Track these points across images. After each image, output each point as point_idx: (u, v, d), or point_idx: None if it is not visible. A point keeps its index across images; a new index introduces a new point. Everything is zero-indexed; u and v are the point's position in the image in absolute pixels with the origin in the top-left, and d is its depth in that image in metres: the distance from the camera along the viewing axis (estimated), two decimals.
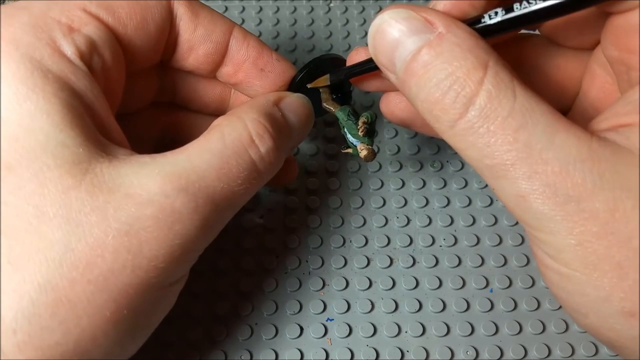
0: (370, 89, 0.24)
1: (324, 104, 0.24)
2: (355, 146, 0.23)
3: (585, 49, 0.23)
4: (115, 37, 0.20)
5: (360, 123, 0.23)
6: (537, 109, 0.17)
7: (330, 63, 0.25)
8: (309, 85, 0.24)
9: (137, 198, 0.17)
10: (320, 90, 0.24)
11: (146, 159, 0.19)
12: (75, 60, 0.19)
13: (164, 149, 0.26)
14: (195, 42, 0.22)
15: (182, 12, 0.22)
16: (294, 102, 0.23)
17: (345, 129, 0.23)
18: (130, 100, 0.23)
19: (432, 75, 0.18)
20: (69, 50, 0.19)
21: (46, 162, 0.17)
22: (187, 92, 0.25)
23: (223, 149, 0.19)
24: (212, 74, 0.24)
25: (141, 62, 0.22)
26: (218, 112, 0.25)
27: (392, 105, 0.24)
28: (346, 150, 0.24)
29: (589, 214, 0.16)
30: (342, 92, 0.25)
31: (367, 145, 0.23)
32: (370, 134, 0.23)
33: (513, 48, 0.24)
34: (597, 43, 0.22)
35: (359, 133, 0.23)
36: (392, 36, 0.19)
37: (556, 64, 0.23)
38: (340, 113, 0.24)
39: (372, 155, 0.23)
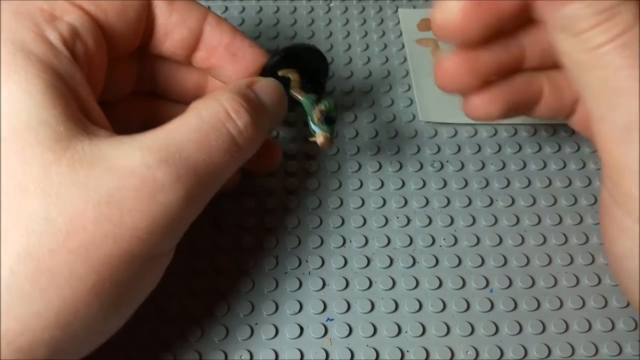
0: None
1: (291, 91, 0.25)
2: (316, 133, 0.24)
3: None
4: (97, 25, 0.21)
5: (316, 110, 0.23)
6: None
7: (304, 53, 0.25)
8: (279, 73, 0.25)
9: (118, 170, 0.18)
10: (290, 77, 0.25)
11: (126, 137, 0.19)
12: (59, 45, 0.19)
13: None
14: (170, 28, 0.23)
15: None
16: (266, 85, 0.23)
17: (308, 117, 0.24)
18: (111, 88, 0.24)
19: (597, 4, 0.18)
20: (52, 36, 0.19)
21: (28, 139, 0.17)
22: (165, 81, 0.25)
23: (201, 123, 0.20)
24: (187, 59, 0.24)
25: (121, 47, 0.23)
26: (197, 98, 0.26)
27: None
28: (312, 139, 0.24)
29: None
30: (315, 83, 0.25)
31: (324, 132, 0.24)
32: (329, 121, 0.24)
33: None
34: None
35: (315, 120, 0.24)
36: None
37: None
38: (305, 101, 0.24)
39: (329, 143, 0.24)
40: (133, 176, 0.18)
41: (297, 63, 0.25)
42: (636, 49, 0.18)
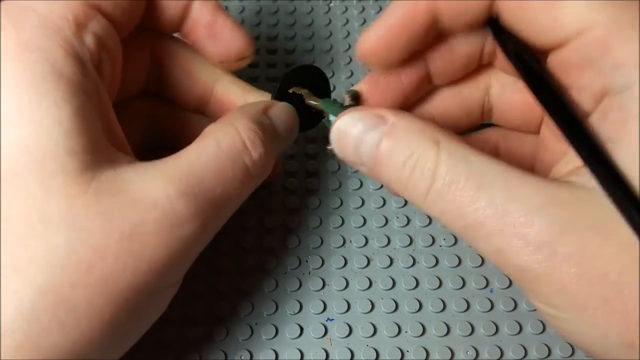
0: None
1: (308, 101, 0.24)
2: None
3: (533, 132, 0.24)
4: (113, 26, 0.21)
5: (346, 97, 0.23)
6: (490, 169, 0.18)
7: (305, 72, 0.25)
8: (290, 91, 0.25)
9: (141, 202, 0.18)
10: (302, 93, 0.25)
11: (148, 164, 0.19)
12: (87, 62, 0.19)
13: (151, 141, 0.26)
14: (165, 4, 0.23)
15: None
16: (281, 111, 0.23)
17: (331, 116, 0.23)
18: (123, 86, 0.23)
19: (397, 159, 0.19)
20: (82, 51, 0.19)
21: (54, 169, 0.17)
22: (172, 83, 0.25)
23: (219, 153, 0.20)
24: (176, 31, 0.24)
25: (122, 32, 0.22)
26: (200, 106, 0.26)
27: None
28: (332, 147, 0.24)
29: (562, 257, 0.17)
30: (322, 94, 0.25)
31: None
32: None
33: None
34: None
35: (347, 101, 0.23)
36: (353, 136, 0.20)
37: (517, 98, 0.24)
38: (324, 102, 0.24)
39: None
40: (155, 209, 0.18)
41: (301, 83, 0.25)
42: (457, 183, 0.18)
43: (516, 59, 0.21)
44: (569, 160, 0.20)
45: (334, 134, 0.21)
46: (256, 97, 0.25)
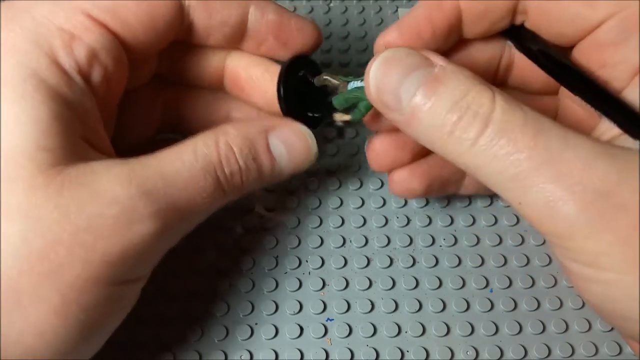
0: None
1: (323, 77, 0.24)
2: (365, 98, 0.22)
3: (553, 92, 0.24)
4: (119, 42, 0.21)
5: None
6: (545, 120, 0.18)
7: (298, 64, 0.24)
8: (316, 80, 0.24)
9: (101, 197, 0.18)
10: (327, 84, 0.24)
11: (119, 161, 0.19)
12: (73, 73, 0.19)
13: (170, 128, 0.26)
14: (211, 29, 0.23)
15: (193, 3, 0.22)
16: (287, 133, 0.22)
17: (352, 83, 0.23)
18: (133, 76, 0.23)
19: (446, 100, 0.18)
20: (67, 63, 0.19)
21: (23, 163, 0.17)
22: (183, 65, 0.25)
23: (193, 162, 0.20)
24: (233, 48, 0.24)
25: (150, 54, 0.22)
26: (213, 83, 0.25)
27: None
28: (344, 119, 0.24)
29: (620, 207, 0.17)
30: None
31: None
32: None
33: None
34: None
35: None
36: (397, 73, 0.19)
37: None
38: (341, 77, 0.23)
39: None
40: (115, 204, 0.18)
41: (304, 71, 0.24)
42: (513, 128, 0.18)
43: (541, 58, 0.21)
44: (600, 134, 0.20)
45: (373, 68, 0.20)
46: (261, 71, 0.24)
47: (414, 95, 0.19)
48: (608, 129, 0.20)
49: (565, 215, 0.17)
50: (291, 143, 0.22)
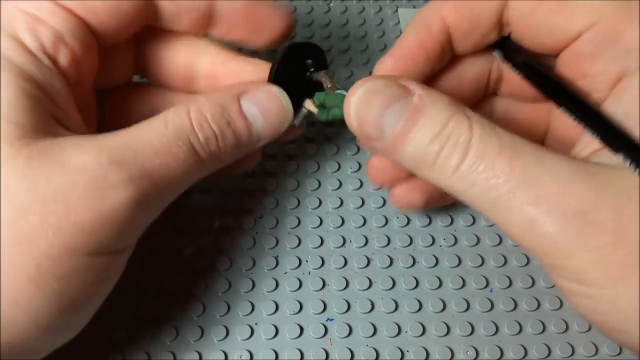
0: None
1: (314, 75, 0.24)
2: (343, 95, 0.23)
3: (546, 99, 0.24)
4: (86, 26, 0.21)
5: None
6: (520, 142, 0.19)
7: (306, 50, 0.24)
8: (315, 77, 0.24)
9: (71, 166, 0.18)
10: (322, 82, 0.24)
11: (88, 136, 0.19)
12: (39, 53, 0.20)
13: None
14: (178, 13, 0.23)
15: None
16: (260, 95, 0.22)
17: (338, 94, 0.23)
18: (110, 74, 0.24)
19: (427, 132, 0.19)
20: (32, 45, 0.20)
21: None
22: (153, 66, 0.25)
23: (164, 130, 0.20)
24: (202, 35, 0.24)
25: (117, 40, 0.23)
26: (186, 84, 0.25)
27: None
28: (311, 108, 0.24)
29: (597, 225, 0.17)
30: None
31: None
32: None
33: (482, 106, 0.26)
34: None
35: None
36: (377, 105, 0.20)
37: (521, 116, 0.25)
38: (337, 84, 0.24)
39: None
40: (84, 173, 0.18)
41: (303, 60, 0.24)
42: (490, 154, 0.18)
43: (525, 69, 0.22)
44: (584, 147, 0.20)
45: (352, 104, 0.20)
46: (240, 65, 0.24)
47: (395, 127, 0.20)
48: (593, 139, 0.21)
49: (545, 235, 0.18)
50: (264, 104, 0.22)
